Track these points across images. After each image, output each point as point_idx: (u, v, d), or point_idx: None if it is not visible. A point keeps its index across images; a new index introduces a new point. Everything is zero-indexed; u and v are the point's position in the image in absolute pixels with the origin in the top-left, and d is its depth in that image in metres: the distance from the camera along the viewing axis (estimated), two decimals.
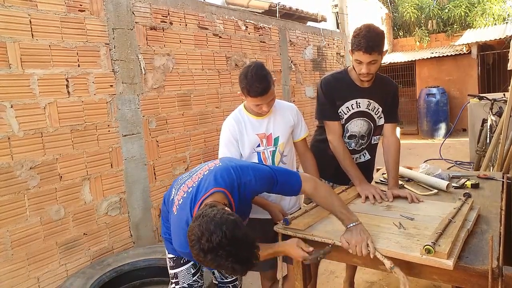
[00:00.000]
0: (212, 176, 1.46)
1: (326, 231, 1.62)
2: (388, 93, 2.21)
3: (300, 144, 2.12)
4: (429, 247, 1.29)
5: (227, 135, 1.92)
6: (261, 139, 1.93)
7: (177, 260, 1.71)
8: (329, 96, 2.15)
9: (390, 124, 2.24)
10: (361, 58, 1.91)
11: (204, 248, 1.18)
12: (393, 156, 2.15)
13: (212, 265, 1.23)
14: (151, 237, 3.21)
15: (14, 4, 2.35)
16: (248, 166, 1.55)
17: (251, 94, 1.77)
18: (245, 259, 1.22)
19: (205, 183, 1.46)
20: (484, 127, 4.82)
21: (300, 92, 5.77)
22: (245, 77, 1.76)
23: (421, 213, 1.73)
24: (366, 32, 1.88)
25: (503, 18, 10.73)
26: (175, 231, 1.48)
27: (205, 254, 1.19)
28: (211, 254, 1.19)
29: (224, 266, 1.20)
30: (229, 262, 1.19)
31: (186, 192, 1.49)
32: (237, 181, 1.47)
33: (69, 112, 2.65)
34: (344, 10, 7.90)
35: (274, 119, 1.96)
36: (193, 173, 1.59)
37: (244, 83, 1.77)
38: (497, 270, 1.22)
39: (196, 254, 1.22)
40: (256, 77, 1.74)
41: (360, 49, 1.88)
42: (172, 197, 1.60)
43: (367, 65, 1.93)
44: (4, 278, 2.29)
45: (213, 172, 1.49)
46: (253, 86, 1.74)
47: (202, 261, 1.23)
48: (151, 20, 3.29)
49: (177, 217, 1.48)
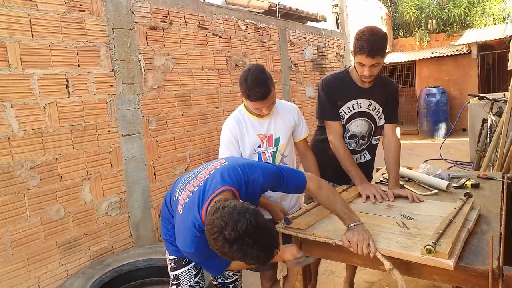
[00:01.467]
0: (219, 175, 1.46)
1: (327, 231, 1.62)
2: (389, 94, 2.21)
3: (300, 144, 2.12)
4: (429, 247, 1.29)
5: (227, 135, 1.91)
6: (261, 139, 1.93)
7: (178, 262, 1.70)
8: (330, 96, 2.15)
9: (390, 125, 2.24)
10: (364, 61, 1.91)
11: (230, 237, 1.17)
12: (394, 156, 2.15)
13: (236, 256, 1.21)
14: (151, 237, 3.21)
15: (14, 4, 2.35)
16: (254, 164, 1.55)
17: (251, 99, 1.77)
18: (269, 247, 1.22)
19: (212, 182, 1.44)
20: (484, 127, 4.82)
21: (300, 92, 5.77)
22: (245, 81, 1.75)
23: (422, 213, 1.73)
24: (369, 36, 1.86)
25: (503, 18, 10.73)
26: (180, 230, 1.47)
27: (231, 244, 1.17)
28: (237, 243, 1.17)
29: (250, 255, 1.19)
30: (255, 250, 1.18)
31: (192, 191, 1.48)
32: (245, 179, 1.47)
33: (69, 112, 2.65)
34: (344, 10, 7.90)
35: (275, 120, 1.96)
36: (198, 172, 1.57)
37: (244, 87, 1.76)
38: (497, 270, 1.22)
39: (221, 246, 1.19)
40: (256, 81, 1.73)
41: (363, 53, 1.88)
42: (176, 197, 1.57)
43: (370, 68, 1.93)
44: (4, 278, 2.29)
45: (220, 171, 1.48)
46: (252, 90, 1.73)
47: (227, 253, 1.21)
48: (151, 20, 3.29)
49: (182, 216, 1.46)
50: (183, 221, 1.44)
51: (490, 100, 4.95)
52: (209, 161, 1.65)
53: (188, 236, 1.39)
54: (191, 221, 1.40)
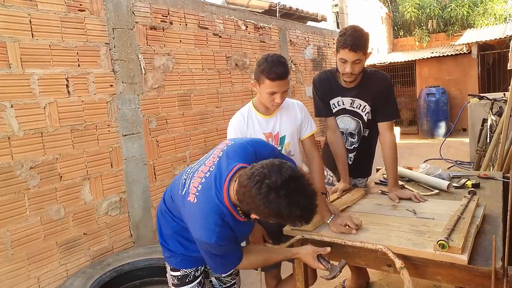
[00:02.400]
0: (231, 154, 1.41)
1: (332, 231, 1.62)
2: (378, 91, 2.14)
3: (306, 143, 2.04)
4: (443, 242, 1.28)
5: (234, 129, 1.91)
6: (267, 138, 1.92)
7: (182, 278, 1.62)
8: (320, 93, 2.24)
9: (384, 123, 2.17)
10: (346, 56, 1.94)
11: (277, 183, 1.13)
12: (389, 155, 2.12)
13: (282, 205, 1.14)
14: (151, 237, 3.21)
15: (14, 3, 2.35)
16: (257, 139, 1.56)
17: (271, 76, 1.74)
18: (312, 196, 1.19)
19: (225, 162, 1.38)
20: (484, 127, 4.81)
21: (300, 92, 5.76)
22: (265, 60, 1.76)
23: (428, 211, 1.73)
24: (352, 32, 1.93)
25: (505, 18, 10.73)
26: (197, 220, 1.35)
27: (276, 190, 1.13)
28: (283, 189, 1.13)
29: (296, 203, 1.14)
30: (301, 197, 1.15)
31: (204, 177, 1.40)
32: (254, 152, 1.44)
33: (69, 112, 2.64)
34: (344, 9, 7.90)
35: (281, 118, 1.95)
36: (205, 159, 1.50)
37: (264, 66, 1.75)
38: (501, 271, 1.21)
39: (264, 196, 1.14)
40: (277, 61, 1.75)
41: (346, 47, 1.91)
42: (184, 189, 1.45)
43: (352, 65, 1.95)
44: (4, 278, 2.28)
45: (229, 150, 1.43)
46: (273, 68, 1.73)
47: (271, 202, 1.14)
48: (151, 19, 3.28)
49: (198, 204, 1.36)
50: (201, 209, 1.34)
51: (490, 100, 4.94)
52: (213, 148, 1.58)
53: (208, 225, 1.30)
54: (214, 202, 1.31)
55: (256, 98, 1.95)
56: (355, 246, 1.49)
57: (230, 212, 1.33)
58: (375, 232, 1.56)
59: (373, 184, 2.39)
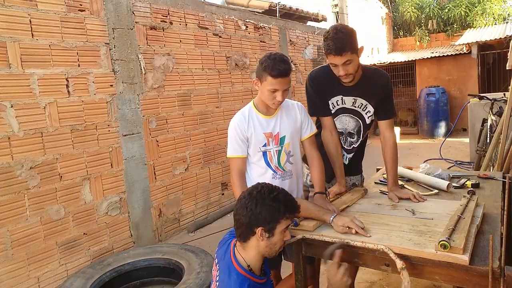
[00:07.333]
0: (223, 250, 1.57)
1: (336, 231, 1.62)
2: (378, 88, 2.11)
3: (306, 143, 2.04)
4: (444, 243, 1.28)
5: (235, 129, 1.91)
6: (267, 138, 1.92)
7: None
8: (318, 90, 2.15)
9: (384, 121, 2.15)
10: (334, 61, 1.90)
11: (259, 192, 1.43)
12: (390, 154, 2.11)
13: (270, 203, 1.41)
14: (151, 237, 3.21)
15: (14, 4, 2.35)
16: None
17: (273, 73, 1.74)
18: (284, 190, 1.48)
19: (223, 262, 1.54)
20: (484, 127, 4.81)
21: (301, 92, 5.76)
22: (268, 58, 1.77)
23: (428, 211, 1.73)
24: (333, 34, 1.85)
25: (503, 17, 10.73)
26: None
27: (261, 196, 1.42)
28: (263, 193, 1.43)
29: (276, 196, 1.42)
30: (277, 193, 1.43)
31: (217, 276, 1.53)
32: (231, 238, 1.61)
33: (69, 112, 2.64)
34: (344, 9, 7.90)
35: (281, 119, 1.96)
36: None
37: (267, 63, 1.76)
38: (498, 270, 1.21)
39: (255, 203, 1.41)
40: (279, 59, 1.76)
41: (330, 52, 1.86)
42: None
43: (343, 67, 1.90)
44: (4, 278, 2.29)
45: (221, 253, 1.58)
46: (276, 65, 1.74)
47: (263, 205, 1.40)
48: (151, 20, 3.28)
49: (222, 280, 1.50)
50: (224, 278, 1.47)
51: (490, 100, 4.94)
52: None
53: None
54: (230, 268, 1.45)
55: (257, 98, 1.95)
56: (356, 246, 1.49)
57: (249, 279, 1.44)
58: (376, 232, 1.55)
59: (373, 184, 2.39)
